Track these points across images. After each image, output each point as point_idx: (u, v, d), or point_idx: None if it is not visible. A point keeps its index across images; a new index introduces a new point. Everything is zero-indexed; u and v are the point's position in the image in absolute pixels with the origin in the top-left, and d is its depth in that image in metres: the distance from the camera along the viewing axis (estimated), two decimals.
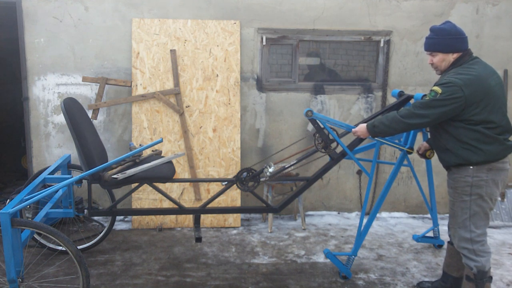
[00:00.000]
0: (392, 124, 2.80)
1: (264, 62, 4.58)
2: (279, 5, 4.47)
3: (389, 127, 2.82)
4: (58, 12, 4.32)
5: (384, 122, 2.83)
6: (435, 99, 2.63)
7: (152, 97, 4.30)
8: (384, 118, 2.85)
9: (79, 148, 3.04)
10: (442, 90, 2.61)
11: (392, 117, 2.80)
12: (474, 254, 2.75)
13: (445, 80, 2.65)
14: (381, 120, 2.86)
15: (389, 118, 2.81)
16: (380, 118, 2.89)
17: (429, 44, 2.83)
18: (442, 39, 2.76)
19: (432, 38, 2.82)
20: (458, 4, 4.60)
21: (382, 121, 2.84)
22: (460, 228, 2.79)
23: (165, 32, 4.32)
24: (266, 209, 3.45)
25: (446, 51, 2.77)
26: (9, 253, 2.63)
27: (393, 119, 2.79)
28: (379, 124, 2.86)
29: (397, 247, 4.04)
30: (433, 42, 2.81)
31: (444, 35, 2.76)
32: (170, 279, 3.37)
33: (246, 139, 4.65)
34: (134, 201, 4.35)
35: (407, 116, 2.74)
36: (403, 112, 2.77)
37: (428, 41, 2.85)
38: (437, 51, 2.80)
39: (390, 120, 2.80)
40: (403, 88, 4.66)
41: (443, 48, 2.77)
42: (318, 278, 3.44)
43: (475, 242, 2.74)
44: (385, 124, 2.83)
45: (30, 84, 4.40)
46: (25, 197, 2.87)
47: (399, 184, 4.86)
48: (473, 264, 2.74)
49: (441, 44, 2.77)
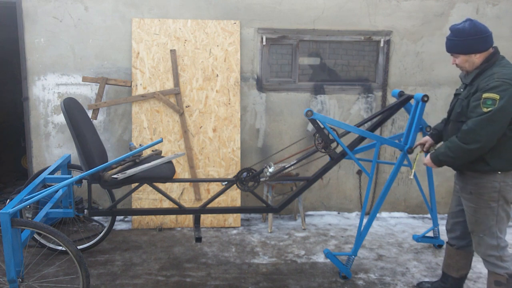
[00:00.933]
0: (458, 154, 2.58)
1: (264, 62, 4.58)
2: (279, 5, 4.47)
3: (455, 158, 2.61)
4: (58, 12, 4.32)
5: (449, 155, 2.63)
6: (497, 109, 2.43)
7: (152, 97, 4.30)
8: (447, 150, 2.63)
9: (79, 148, 3.04)
10: (500, 95, 2.43)
11: (457, 148, 2.56)
12: (500, 260, 2.66)
13: (495, 83, 2.46)
14: (445, 153, 2.64)
15: (453, 149, 2.59)
16: (444, 151, 2.66)
17: (449, 45, 2.69)
18: (461, 40, 2.61)
19: (451, 40, 2.67)
20: (458, 4, 4.60)
21: (447, 155, 2.63)
22: (486, 235, 2.67)
23: (165, 32, 4.32)
24: (266, 209, 3.45)
25: (467, 53, 2.62)
26: (9, 253, 2.63)
27: (458, 149, 2.55)
28: (445, 158, 2.66)
29: (397, 247, 4.04)
30: (452, 43, 2.66)
31: (464, 36, 2.60)
32: (170, 279, 3.37)
33: (246, 139, 4.65)
34: (134, 201, 4.35)
35: (473, 141, 2.49)
36: (465, 138, 2.52)
37: (448, 42, 2.70)
38: (457, 53, 2.66)
39: (455, 151, 2.58)
40: (403, 88, 4.66)
41: (463, 49, 2.63)
42: (318, 278, 3.44)
43: (501, 248, 2.66)
44: (451, 157, 2.62)
45: (30, 84, 4.40)
46: (25, 197, 2.87)
47: (399, 184, 4.86)
48: (503, 271, 2.65)
49: (461, 46, 2.62)
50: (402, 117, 4.71)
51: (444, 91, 4.70)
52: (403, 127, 4.72)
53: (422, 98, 3.29)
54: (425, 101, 3.30)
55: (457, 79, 4.68)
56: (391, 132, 4.75)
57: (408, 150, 3.35)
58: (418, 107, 3.34)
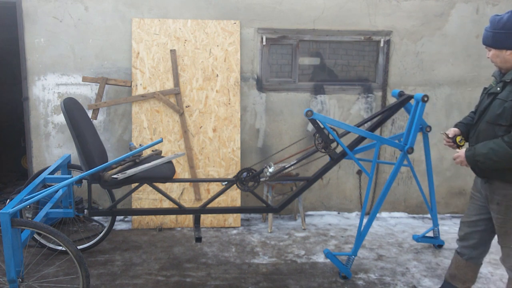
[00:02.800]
0: (505, 159, 2.35)
1: (264, 62, 4.58)
2: (279, 5, 4.47)
3: (497, 162, 2.38)
4: (58, 12, 4.32)
5: (492, 158, 2.38)
6: None
7: (152, 97, 4.30)
8: (491, 152, 2.38)
9: (79, 148, 3.04)
10: None
11: (504, 152, 2.33)
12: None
13: None
14: (488, 155, 2.40)
15: (499, 154, 2.35)
16: (486, 152, 2.40)
17: (484, 36, 2.47)
18: (494, 32, 2.39)
19: (486, 30, 2.45)
20: (458, 4, 4.60)
21: (489, 157, 2.39)
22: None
23: (165, 32, 4.32)
24: (266, 209, 3.45)
25: (497, 47, 2.41)
26: (9, 253, 2.63)
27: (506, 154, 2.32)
28: (486, 160, 2.42)
29: (397, 247, 4.04)
30: (486, 35, 2.45)
31: (497, 28, 2.38)
32: (170, 279, 3.37)
33: (246, 139, 4.65)
34: (134, 201, 4.35)
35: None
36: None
37: (484, 33, 2.47)
38: (488, 45, 2.46)
39: (502, 156, 2.34)
40: (403, 88, 4.66)
41: (493, 43, 2.42)
42: (318, 278, 3.44)
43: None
44: (493, 160, 2.38)
45: (30, 84, 4.40)
46: (25, 197, 2.87)
47: (399, 184, 4.86)
48: None
49: (492, 38, 2.42)
50: (402, 117, 4.71)
51: (444, 91, 4.70)
52: (403, 127, 4.72)
53: (422, 98, 3.29)
54: (425, 101, 3.30)
55: (457, 79, 4.69)
56: (391, 132, 4.75)
57: (408, 150, 3.35)
58: (418, 107, 3.34)
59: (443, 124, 4.74)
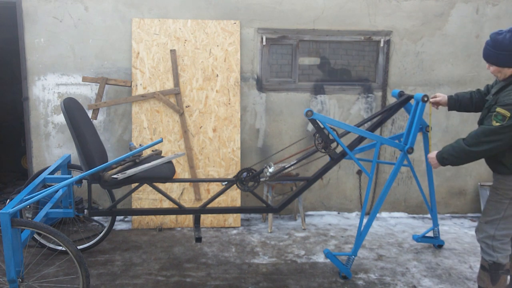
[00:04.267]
0: (460, 155, 2.73)
1: (264, 62, 4.58)
2: (279, 5, 4.47)
3: (458, 158, 2.76)
4: (58, 12, 4.32)
5: (452, 154, 2.78)
6: (504, 125, 2.53)
7: (152, 97, 4.30)
8: (451, 149, 2.79)
9: (79, 148, 3.03)
10: (511, 112, 2.51)
11: (460, 148, 2.72)
12: (492, 249, 2.80)
13: (510, 100, 2.53)
14: (449, 152, 2.80)
15: (457, 149, 2.75)
16: (448, 149, 2.82)
17: (485, 53, 2.69)
18: (497, 52, 2.61)
19: (488, 49, 2.67)
20: (458, 4, 4.60)
21: (451, 153, 2.79)
22: (487, 223, 2.82)
23: (165, 32, 4.32)
24: (266, 209, 3.45)
25: (501, 65, 2.63)
26: (9, 253, 2.63)
27: (461, 150, 2.71)
28: (448, 157, 2.81)
29: (397, 247, 4.04)
30: (488, 52, 2.66)
31: (500, 49, 2.59)
32: (170, 279, 3.37)
33: (246, 139, 4.65)
34: (134, 201, 4.35)
35: (475, 144, 2.65)
36: (470, 141, 2.68)
37: (485, 49, 2.69)
38: (491, 63, 2.68)
39: (458, 151, 2.73)
40: (403, 88, 4.66)
41: (496, 61, 2.64)
42: (318, 278, 3.44)
43: (496, 239, 2.79)
44: (454, 156, 2.77)
45: (30, 84, 4.40)
46: (25, 197, 2.87)
47: (399, 184, 4.86)
48: (488, 258, 2.81)
49: (496, 58, 2.63)
50: (402, 117, 4.71)
51: (444, 91, 4.69)
52: (403, 127, 4.72)
53: (422, 98, 3.29)
54: (425, 101, 3.30)
55: (457, 79, 4.70)
56: (391, 132, 4.75)
57: (408, 150, 3.35)
58: (418, 107, 3.34)
59: (443, 124, 4.74)
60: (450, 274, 3.53)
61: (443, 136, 4.75)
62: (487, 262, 2.83)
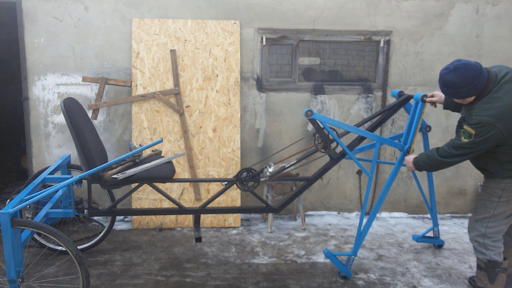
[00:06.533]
0: (434, 164, 2.97)
1: (264, 62, 4.58)
2: (279, 5, 4.47)
3: (431, 166, 3.01)
4: (58, 12, 4.32)
5: (426, 162, 3.02)
6: (472, 142, 2.70)
7: (152, 97, 4.30)
8: (426, 158, 3.02)
9: (79, 148, 3.04)
10: (476, 131, 2.67)
11: (433, 158, 2.96)
12: (484, 247, 2.93)
13: (475, 120, 2.67)
14: (424, 159, 3.04)
15: (431, 158, 2.98)
16: (423, 157, 3.05)
17: (445, 92, 2.82)
18: (452, 91, 2.75)
19: (444, 89, 2.80)
20: (458, 4, 4.60)
21: (425, 161, 3.03)
22: (477, 222, 2.97)
23: (165, 32, 4.32)
24: (266, 209, 3.45)
25: (462, 98, 2.78)
26: (9, 253, 2.63)
27: (434, 159, 2.95)
28: (423, 164, 3.06)
29: (397, 247, 4.04)
30: (447, 92, 2.80)
31: (453, 88, 2.73)
32: (170, 279, 3.37)
33: (246, 139, 4.65)
34: (134, 201, 4.35)
35: (447, 156, 2.87)
36: (442, 153, 2.90)
37: (442, 90, 2.83)
38: (454, 98, 2.83)
39: (432, 160, 2.97)
40: (403, 88, 4.66)
41: (458, 97, 2.78)
42: (318, 278, 3.44)
43: (487, 237, 2.92)
44: (428, 164, 3.02)
45: (30, 84, 4.40)
46: (25, 197, 2.87)
47: (399, 184, 4.86)
48: (482, 256, 2.94)
49: (456, 94, 2.77)
50: (402, 117, 4.71)
51: None
52: (403, 127, 4.72)
53: (422, 98, 3.29)
54: (425, 101, 3.30)
55: None
56: (391, 132, 4.75)
57: (407, 150, 3.35)
58: (418, 107, 3.34)
59: (443, 124, 4.74)
60: (450, 274, 3.53)
61: (443, 136, 4.75)
62: (483, 261, 2.95)
